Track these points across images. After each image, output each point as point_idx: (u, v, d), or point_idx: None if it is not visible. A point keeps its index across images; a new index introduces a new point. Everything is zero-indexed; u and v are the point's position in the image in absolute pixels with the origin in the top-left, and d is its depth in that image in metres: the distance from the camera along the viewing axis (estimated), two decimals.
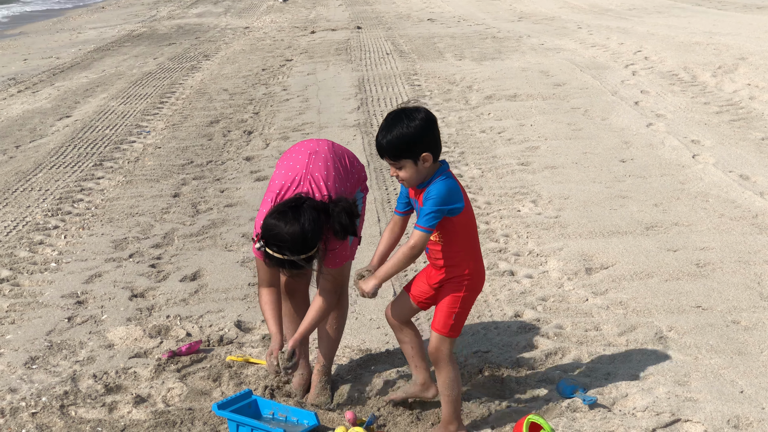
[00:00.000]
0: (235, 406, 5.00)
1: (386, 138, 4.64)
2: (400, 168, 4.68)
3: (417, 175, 4.68)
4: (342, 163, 5.13)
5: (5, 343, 6.23)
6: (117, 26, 26.44)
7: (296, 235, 4.69)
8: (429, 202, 4.66)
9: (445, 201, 4.66)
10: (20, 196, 9.55)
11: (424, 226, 4.66)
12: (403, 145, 4.61)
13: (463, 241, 4.82)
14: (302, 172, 5.01)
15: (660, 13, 22.70)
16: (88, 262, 7.69)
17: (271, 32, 23.17)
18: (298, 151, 5.16)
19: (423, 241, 4.69)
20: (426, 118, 4.65)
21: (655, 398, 5.21)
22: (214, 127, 12.47)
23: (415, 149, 4.61)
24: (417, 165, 4.65)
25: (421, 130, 4.62)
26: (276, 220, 4.73)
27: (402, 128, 4.61)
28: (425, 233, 4.67)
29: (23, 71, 18.52)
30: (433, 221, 4.66)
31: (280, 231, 4.70)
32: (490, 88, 14.11)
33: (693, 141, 10.59)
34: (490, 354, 5.84)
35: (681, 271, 7.01)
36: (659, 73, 14.83)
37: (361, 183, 5.31)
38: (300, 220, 4.70)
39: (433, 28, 22.40)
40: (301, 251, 4.73)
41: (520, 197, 8.89)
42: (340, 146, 5.27)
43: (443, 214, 4.68)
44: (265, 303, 5.17)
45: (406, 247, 4.70)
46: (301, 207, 4.75)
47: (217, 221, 8.60)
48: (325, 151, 5.12)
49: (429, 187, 4.68)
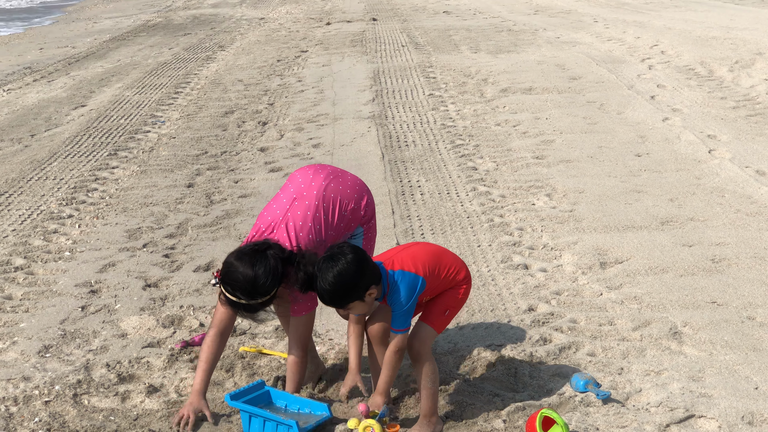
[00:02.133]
0: (247, 396, 4.99)
1: (325, 293, 4.64)
2: (349, 309, 4.76)
3: (368, 307, 4.79)
4: (327, 211, 5.06)
5: (19, 332, 6.24)
6: (133, 16, 26.47)
7: (248, 279, 4.72)
8: (395, 306, 4.74)
9: (409, 295, 4.74)
10: (35, 185, 9.57)
11: (401, 329, 4.77)
12: (344, 293, 4.65)
13: (445, 284, 4.91)
14: (279, 218, 5.02)
15: (677, 7, 22.61)
16: (101, 252, 7.70)
17: (286, 23, 23.16)
18: (287, 189, 5.15)
19: (405, 341, 4.80)
20: (355, 259, 4.62)
21: (669, 394, 5.19)
22: (229, 117, 12.46)
23: (358, 291, 4.66)
24: (365, 300, 4.71)
25: (355, 274, 4.62)
26: (235, 260, 4.78)
27: (337, 279, 4.59)
28: (405, 333, 4.79)
29: (39, 60, 18.55)
30: (408, 319, 4.76)
31: (235, 272, 4.74)
32: (505, 81, 14.07)
33: (709, 136, 10.54)
34: (503, 347, 5.82)
35: (696, 267, 6.98)
36: (676, 67, 14.76)
37: (362, 223, 5.29)
38: (256, 265, 4.71)
39: (449, 20, 22.36)
40: (251, 296, 4.76)
41: (535, 191, 8.86)
42: (337, 184, 5.18)
43: (414, 304, 4.77)
44: (207, 344, 5.13)
45: (392, 354, 4.81)
46: (264, 252, 4.76)
47: (231, 212, 8.60)
48: (313, 196, 5.07)
49: (389, 295, 4.76)
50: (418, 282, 4.76)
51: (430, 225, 8.07)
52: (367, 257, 4.73)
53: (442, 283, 4.88)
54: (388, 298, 4.77)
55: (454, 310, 4.97)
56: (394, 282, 4.74)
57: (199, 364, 5.12)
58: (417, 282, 4.76)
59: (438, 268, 4.87)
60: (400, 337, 4.77)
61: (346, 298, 4.67)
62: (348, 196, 5.17)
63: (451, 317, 4.98)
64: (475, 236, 7.77)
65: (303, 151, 10.57)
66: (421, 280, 4.77)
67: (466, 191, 8.91)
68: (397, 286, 4.73)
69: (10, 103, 14.16)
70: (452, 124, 11.60)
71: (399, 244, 7.55)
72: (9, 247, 7.79)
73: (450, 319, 4.98)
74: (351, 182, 5.26)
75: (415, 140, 10.90)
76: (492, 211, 8.32)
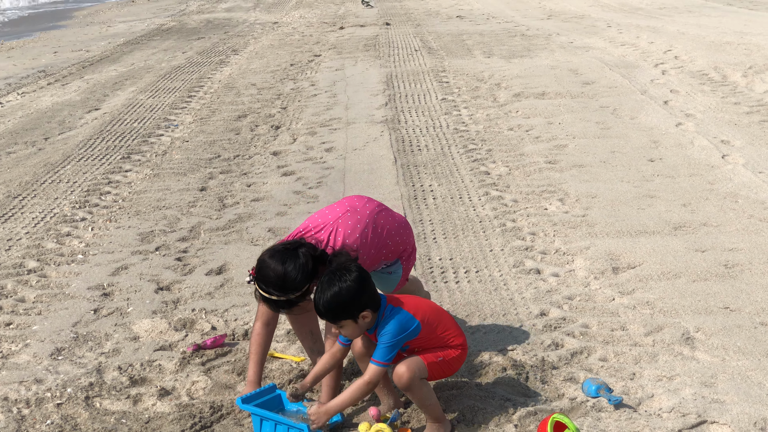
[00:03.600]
0: (259, 400, 5.00)
1: (321, 302, 4.66)
2: (340, 327, 4.74)
3: (359, 330, 4.77)
4: (375, 231, 5.27)
5: (32, 334, 6.26)
6: (146, 20, 26.55)
7: (279, 275, 4.84)
8: (384, 337, 4.72)
9: (400, 331, 4.72)
10: (48, 188, 9.60)
11: (381, 361, 4.72)
12: (339, 308, 4.65)
13: (439, 342, 4.88)
14: (330, 222, 5.21)
15: (691, 13, 22.56)
16: (114, 255, 7.72)
17: (299, 27, 23.19)
18: (343, 203, 5.37)
19: (379, 377, 4.76)
20: (358, 277, 4.65)
21: (682, 399, 5.17)
22: (242, 121, 12.48)
23: (353, 309, 4.66)
24: (357, 322, 4.70)
25: (354, 292, 4.63)
26: (267, 257, 4.91)
27: (335, 292, 4.62)
28: (382, 368, 4.73)
29: (53, 64, 18.63)
30: (391, 353, 4.73)
31: (267, 268, 4.87)
32: (518, 85, 14.06)
33: (723, 141, 10.51)
34: (515, 352, 5.81)
35: (709, 272, 6.96)
36: (689, 72, 14.72)
37: (399, 255, 5.47)
38: (287, 262, 4.84)
39: (462, 25, 22.35)
40: (283, 291, 4.85)
41: (548, 195, 8.84)
42: (387, 215, 5.41)
43: (402, 342, 4.75)
44: (254, 335, 5.31)
45: (362, 382, 4.76)
46: (295, 250, 4.89)
47: (243, 215, 8.61)
48: (366, 214, 5.28)
49: (380, 326, 4.75)
50: (413, 324, 4.76)
51: (443, 229, 8.06)
52: (370, 281, 4.75)
53: (436, 339, 4.86)
54: (379, 329, 4.74)
55: (447, 365, 4.90)
56: (390, 314, 4.74)
57: (250, 356, 5.28)
58: (411, 324, 4.76)
59: (437, 324, 4.87)
60: (376, 370, 4.72)
61: (341, 314, 4.67)
62: (395, 229, 5.41)
63: (444, 369, 4.91)
64: (488, 241, 7.76)
65: (316, 155, 10.58)
66: (417, 323, 4.77)
67: (478, 196, 8.91)
68: (391, 319, 4.73)
69: (25, 107, 14.22)
70: (465, 128, 11.60)
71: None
72: (22, 250, 7.82)
73: (441, 370, 4.90)
74: (399, 218, 5.51)
75: (428, 144, 10.90)
76: (504, 216, 8.31)
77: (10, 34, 25.03)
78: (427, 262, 7.35)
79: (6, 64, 18.83)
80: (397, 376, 4.75)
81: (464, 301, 6.60)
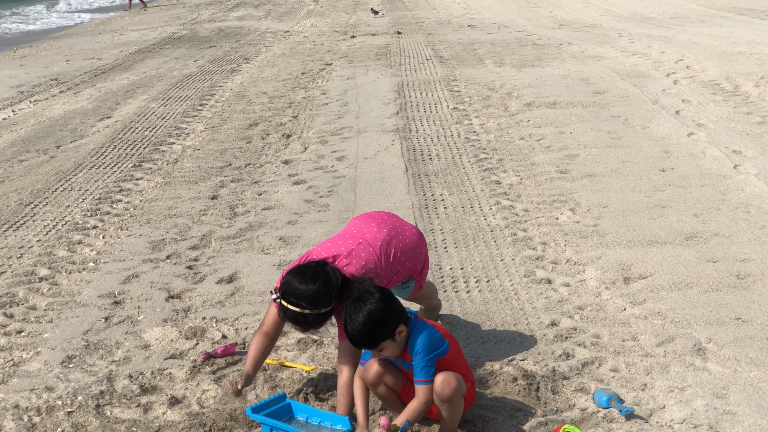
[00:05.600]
0: (269, 409, 5.00)
1: (355, 331, 4.73)
2: (381, 350, 4.80)
3: (398, 348, 4.82)
4: (388, 261, 5.42)
5: (43, 342, 6.27)
6: (158, 29, 26.62)
7: (311, 290, 4.99)
8: (419, 356, 4.78)
9: (433, 348, 4.79)
10: (60, 196, 9.62)
11: (425, 379, 4.79)
12: (375, 331, 4.72)
13: (457, 369, 4.94)
14: (344, 253, 5.32)
15: (702, 22, 22.53)
16: (125, 263, 7.73)
17: (311, 36, 23.23)
18: (354, 235, 5.48)
19: (431, 393, 4.80)
20: (382, 297, 4.74)
21: (693, 410, 5.15)
22: (253, 130, 12.50)
23: (388, 328, 4.72)
24: (395, 339, 4.77)
25: (383, 312, 4.70)
26: (295, 273, 5.07)
27: (366, 317, 4.69)
28: (430, 384, 4.78)
29: (65, 72, 18.70)
30: (431, 371, 4.79)
31: (297, 284, 5.02)
32: (529, 95, 14.05)
33: (734, 151, 10.49)
34: (525, 362, 5.80)
35: (721, 283, 6.93)
36: (701, 82, 14.70)
37: (411, 274, 5.63)
38: (318, 277, 5.01)
39: (474, 34, 22.36)
40: (314, 305, 4.99)
41: (559, 205, 8.83)
42: (401, 242, 5.53)
43: (435, 359, 4.80)
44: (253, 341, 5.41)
45: (419, 404, 4.82)
46: (323, 267, 5.08)
47: (254, 224, 8.62)
48: (377, 246, 5.43)
49: (410, 342, 4.80)
50: (443, 344, 4.84)
51: (453, 239, 8.06)
52: (392, 296, 4.83)
53: (456, 368, 4.91)
54: (410, 345, 4.80)
55: (468, 394, 4.98)
56: (420, 328, 4.81)
57: (248, 354, 5.38)
58: (442, 343, 4.84)
59: (457, 354, 4.99)
60: (426, 388, 4.78)
61: (378, 337, 4.73)
62: (407, 254, 5.53)
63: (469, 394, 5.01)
64: (498, 250, 7.75)
65: (327, 164, 10.58)
66: (446, 344, 4.86)
67: (489, 205, 8.90)
68: (421, 333, 4.79)
69: (37, 114, 14.27)
70: (476, 137, 11.59)
71: None
72: (34, 258, 7.84)
73: (469, 395, 5.00)
74: (411, 237, 5.59)
75: (439, 154, 10.90)
76: (515, 225, 8.30)
77: None
78: (438, 271, 7.34)
79: (18, 72, 18.90)
80: (442, 385, 4.76)
81: (475, 311, 6.60)
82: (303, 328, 5.14)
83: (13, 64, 20.44)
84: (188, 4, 35.21)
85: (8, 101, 15.58)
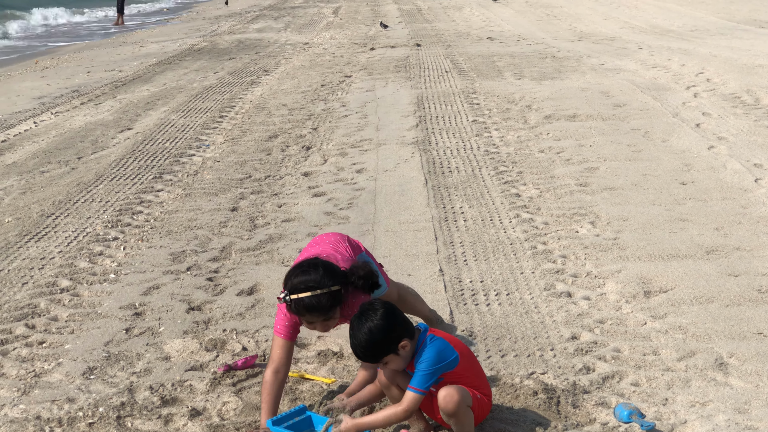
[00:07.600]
0: (289, 422, 5.00)
1: (358, 347, 4.76)
2: (385, 363, 4.81)
3: (403, 361, 4.82)
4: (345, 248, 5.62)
5: (64, 353, 6.29)
6: (179, 40, 26.75)
7: (315, 277, 5.06)
8: (421, 365, 4.76)
9: (437, 360, 4.75)
10: (81, 207, 9.67)
11: (418, 388, 4.75)
12: (377, 347, 4.74)
13: (470, 383, 4.91)
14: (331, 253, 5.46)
15: (723, 35, 22.48)
16: (146, 274, 7.76)
17: (330, 48, 23.29)
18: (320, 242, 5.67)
19: (416, 404, 4.77)
20: (384, 313, 4.74)
21: (715, 426, 5.13)
22: (273, 142, 12.54)
23: (390, 344, 4.73)
24: (399, 354, 4.76)
25: (385, 328, 4.71)
26: (295, 267, 5.18)
27: (367, 333, 4.71)
28: (419, 395, 4.75)
29: (86, 83, 18.80)
30: (428, 382, 4.75)
31: (299, 275, 5.08)
32: (549, 107, 14.05)
33: (755, 165, 10.45)
34: (545, 376, 5.79)
35: (742, 297, 6.91)
36: (721, 95, 14.66)
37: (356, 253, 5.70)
38: (318, 263, 5.13)
39: (493, 46, 22.38)
40: (322, 284, 5.03)
41: (579, 218, 8.82)
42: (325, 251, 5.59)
43: (439, 372, 4.77)
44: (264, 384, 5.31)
45: (399, 409, 4.79)
46: (317, 258, 5.23)
47: (274, 236, 8.63)
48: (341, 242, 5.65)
49: (418, 353, 4.79)
50: (452, 355, 4.81)
51: (473, 251, 8.05)
52: (396, 310, 4.82)
53: (469, 379, 4.90)
54: (417, 356, 4.78)
55: (480, 407, 4.95)
56: (430, 342, 4.80)
57: (262, 405, 5.24)
58: (450, 354, 4.81)
59: (471, 363, 4.97)
60: (413, 397, 4.75)
61: (381, 351, 4.75)
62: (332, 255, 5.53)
63: (480, 407, 4.96)
64: (518, 263, 7.74)
65: (346, 176, 10.60)
66: (456, 355, 4.82)
67: (509, 218, 8.90)
68: (429, 347, 4.78)
69: (58, 126, 14.34)
70: (495, 150, 11.59)
71: (442, 270, 7.56)
72: (55, 269, 7.87)
73: (479, 407, 4.95)
74: (324, 241, 5.69)
75: (459, 166, 10.90)
76: (535, 239, 8.29)
77: None
78: (458, 284, 7.34)
79: (40, 84, 19.01)
80: (445, 400, 4.75)
81: (495, 324, 6.59)
82: (322, 315, 5.10)
83: (34, 75, 20.57)
84: (208, 17, 35.37)
85: (30, 113, 15.67)
